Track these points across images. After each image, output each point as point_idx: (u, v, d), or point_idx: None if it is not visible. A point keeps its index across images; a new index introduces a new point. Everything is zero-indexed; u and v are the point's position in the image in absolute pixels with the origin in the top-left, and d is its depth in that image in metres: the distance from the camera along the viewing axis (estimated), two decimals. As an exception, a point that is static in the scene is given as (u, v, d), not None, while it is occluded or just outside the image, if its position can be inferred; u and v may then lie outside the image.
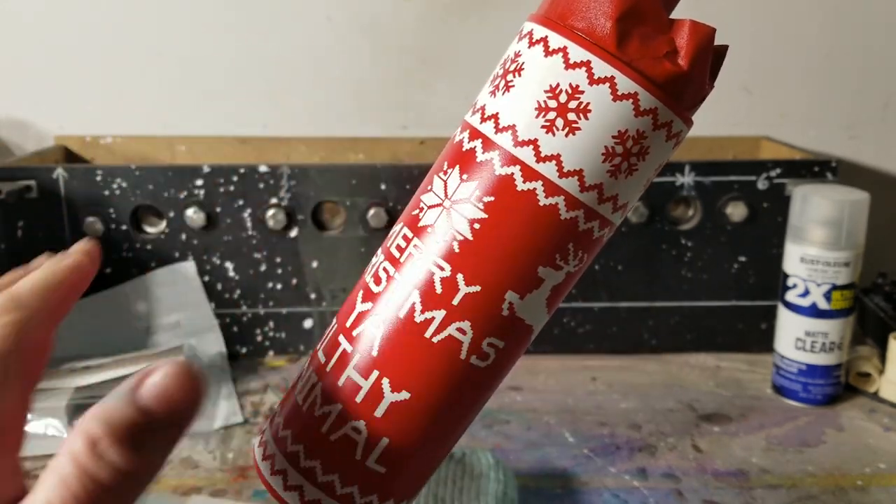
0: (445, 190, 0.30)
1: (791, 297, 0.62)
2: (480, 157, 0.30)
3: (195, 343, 0.67)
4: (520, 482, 0.52)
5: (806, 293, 0.61)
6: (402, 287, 0.31)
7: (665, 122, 0.30)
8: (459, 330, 0.30)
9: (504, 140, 0.29)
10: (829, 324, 0.61)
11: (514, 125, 0.29)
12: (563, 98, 0.29)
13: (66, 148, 0.81)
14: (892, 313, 0.69)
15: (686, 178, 0.68)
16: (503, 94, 0.30)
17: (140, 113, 0.83)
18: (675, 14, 0.32)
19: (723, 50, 0.31)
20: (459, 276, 0.30)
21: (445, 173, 0.31)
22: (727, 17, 0.82)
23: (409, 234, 0.31)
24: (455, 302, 0.30)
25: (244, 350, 0.70)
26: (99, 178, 0.66)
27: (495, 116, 0.30)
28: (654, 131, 0.29)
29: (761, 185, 0.68)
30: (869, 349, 0.67)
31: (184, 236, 0.68)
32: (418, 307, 0.30)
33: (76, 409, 0.57)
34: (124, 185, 0.66)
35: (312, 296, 0.69)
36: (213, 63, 0.82)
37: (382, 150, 0.83)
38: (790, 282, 0.62)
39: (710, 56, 0.30)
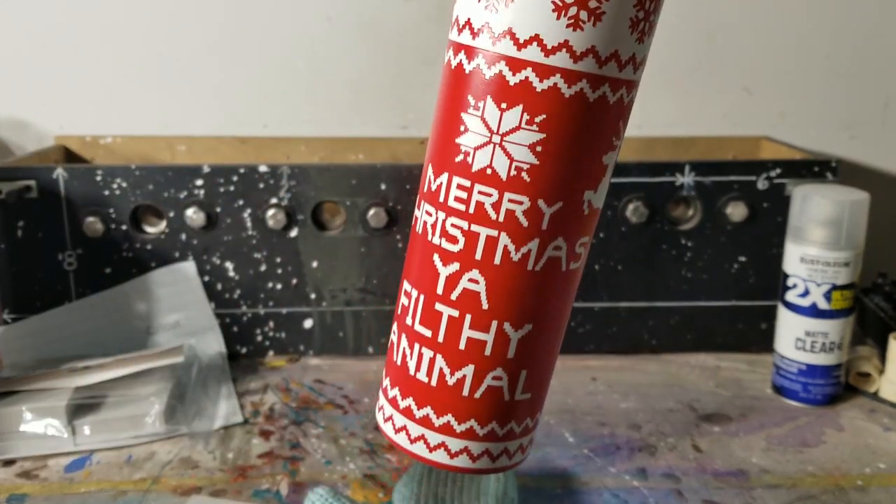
0: (487, 126, 0.29)
1: (791, 297, 0.62)
2: (512, 79, 0.29)
3: (195, 343, 0.67)
4: (520, 482, 0.52)
5: (806, 293, 0.61)
6: (486, 236, 0.30)
7: None
8: (556, 248, 0.31)
9: (532, 54, 0.28)
10: (829, 324, 0.61)
11: (537, 35, 0.28)
12: None
13: (66, 148, 0.81)
14: (892, 313, 0.69)
15: (686, 178, 0.68)
16: (505, 5, 0.28)
17: (140, 113, 0.83)
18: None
19: None
20: (540, 202, 0.30)
21: (476, 108, 0.30)
22: (727, 17, 0.82)
23: (466, 183, 0.30)
24: (544, 227, 0.30)
25: (244, 350, 0.70)
26: (99, 178, 0.66)
27: (510, 32, 0.28)
28: None
29: (761, 185, 0.68)
30: (869, 349, 0.67)
31: (184, 236, 0.68)
32: (511, 248, 0.30)
33: (76, 409, 0.57)
34: (124, 184, 0.66)
35: (312, 296, 0.69)
36: (213, 63, 0.82)
37: (382, 150, 0.83)
38: (790, 282, 0.62)
39: None
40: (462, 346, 0.31)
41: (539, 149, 0.29)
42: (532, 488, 0.52)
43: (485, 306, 0.31)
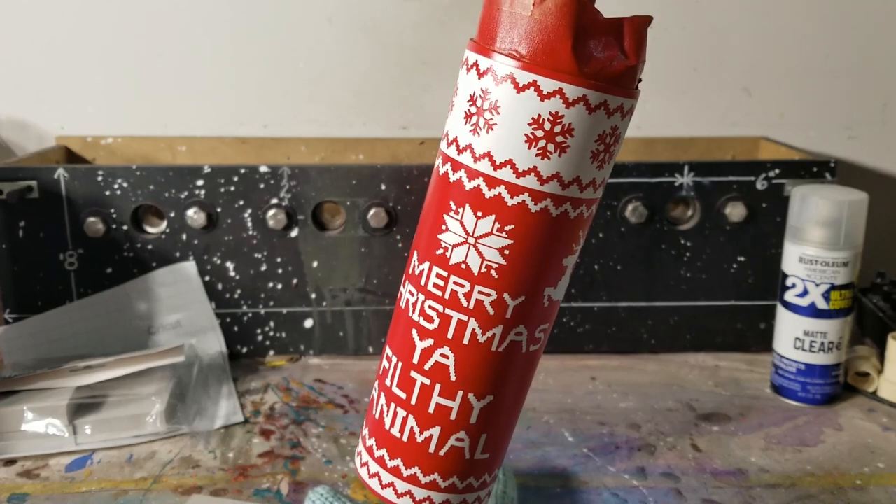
0: (465, 229, 0.34)
1: (790, 296, 0.62)
2: (488, 193, 0.34)
3: (196, 343, 0.67)
4: (519, 481, 0.52)
5: (805, 293, 0.61)
6: (457, 319, 0.35)
7: (628, 109, 0.34)
8: (517, 334, 0.35)
9: (506, 175, 0.33)
10: (827, 323, 0.61)
11: (510, 160, 0.33)
12: (547, 126, 0.32)
13: (68, 148, 0.81)
14: (890, 313, 0.70)
15: (685, 179, 0.68)
16: (486, 132, 0.33)
17: (141, 113, 0.83)
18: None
19: (649, 20, 0.34)
20: (505, 295, 0.34)
21: (457, 213, 0.35)
22: (727, 17, 0.82)
23: (444, 273, 0.35)
24: (508, 316, 0.35)
25: (244, 350, 0.70)
26: (100, 179, 0.66)
27: (489, 155, 0.33)
28: (622, 119, 0.34)
29: (760, 185, 0.68)
30: (867, 349, 0.67)
31: (184, 236, 0.68)
32: (479, 331, 0.35)
33: (77, 409, 0.57)
34: (125, 185, 0.66)
35: (313, 296, 0.70)
36: (213, 63, 0.82)
37: (382, 150, 0.83)
38: (789, 282, 0.62)
39: (646, 41, 0.33)
40: (431, 409, 0.36)
41: (507, 252, 0.34)
42: (532, 487, 0.52)
43: (453, 378, 0.36)
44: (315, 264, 0.69)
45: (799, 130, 0.85)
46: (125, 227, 0.67)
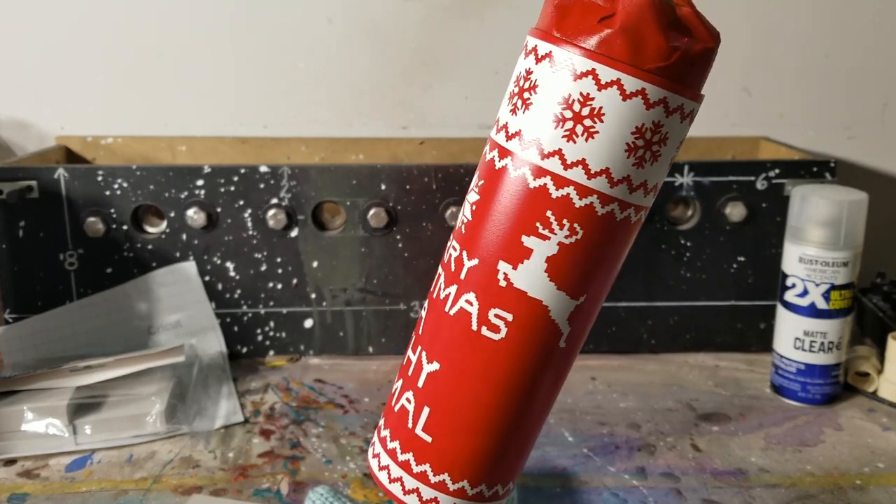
0: (469, 189, 0.35)
1: (790, 296, 0.62)
2: (487, 154, 0.35)
3: (196, 343, 0.68)
4: (519, 481, 0.52)
5: (805, 293, 0.61)
6: (438, 273, 0.36)
7: (636, 90, 0.31)
8: (468, 301, 0.33)
9: (494, 132, 0.34)
10: (827, 323, 0.61)
11: (498, 119, 0.34)
12: (522, 83, 0.33)
13: (68, 148, 0.81)
14: (890, 313, 0.70)
15: (685, 179, 0.68)
16: (508, 106, 0.34)
17: (141, 113, 0.83)
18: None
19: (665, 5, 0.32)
20: (464, 253, 0.34)
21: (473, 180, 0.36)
22: (727, 17, 0.82)
23: (452, 236, 0.36)
24: (462, 276, 0.34)
25: (244, 350, 0.70)
26: (100, 179, 0.66)
27: (497, 119, 0.35)
28: (599, 91, 0.31)
29: (760, 185, 0.68)
30: (867, 349, 0.67)
31: (184, 236, 0.68)
32: (442, 286, 0.35)
33: (77, 409, 0.57)
34: (125, 185, 0.67)
35: (313, 296, 0.70)
36: (213, 63, 0.82)
37: (382, 150, 0.83)
38: (789, 281, 0.62)
39: (652, 14, 0.30)
40: (404, 360, 0.36)
41: (474, 208, 0.34)
42: (532, 487, 0.52)
43: (420, 331, 0.35)
44: (315, 264, 0.69)
45: (799, 130, 0.85)
46: (125, 227, 0.67)
